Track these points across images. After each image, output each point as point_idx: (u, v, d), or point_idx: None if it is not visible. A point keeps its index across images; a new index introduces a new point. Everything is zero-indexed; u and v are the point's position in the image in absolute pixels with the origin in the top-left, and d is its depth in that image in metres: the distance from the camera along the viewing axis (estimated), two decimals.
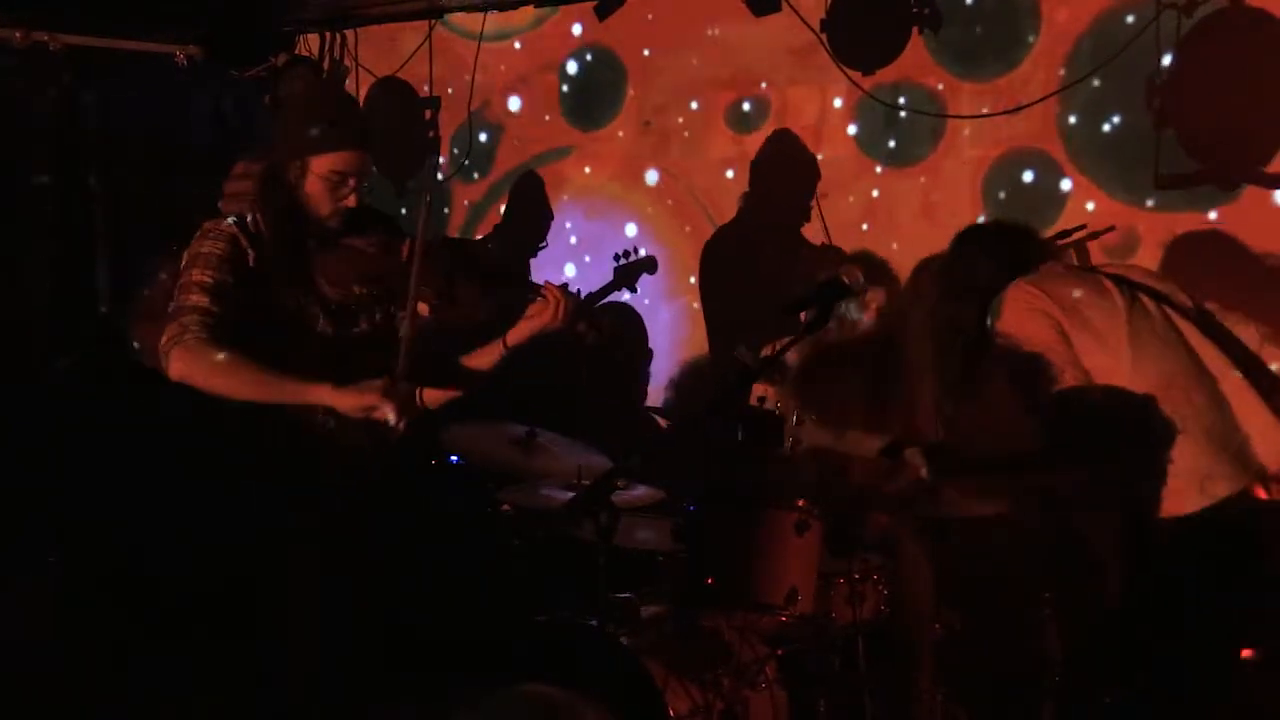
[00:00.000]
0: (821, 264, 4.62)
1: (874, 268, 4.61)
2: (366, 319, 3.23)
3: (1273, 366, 3.08)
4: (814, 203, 4.97)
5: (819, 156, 4.99)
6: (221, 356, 2.95)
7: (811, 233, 4.97)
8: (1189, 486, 2.87)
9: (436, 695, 3.21)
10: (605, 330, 3.28)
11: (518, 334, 3.23)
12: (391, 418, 2.94)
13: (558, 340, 3.24)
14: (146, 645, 3.88)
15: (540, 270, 5.71)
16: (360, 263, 3.15)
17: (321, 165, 3.09)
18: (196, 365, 2.95)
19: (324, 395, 2.98)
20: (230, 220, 3.11)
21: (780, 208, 5.07)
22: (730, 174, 5.20)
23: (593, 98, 5.56)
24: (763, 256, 5.07)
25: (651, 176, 5.44)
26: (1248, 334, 3.06)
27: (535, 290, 3.21)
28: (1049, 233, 4.38)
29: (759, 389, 4.17)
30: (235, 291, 3.04)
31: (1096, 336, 2.95)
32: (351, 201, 3.14)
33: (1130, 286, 3.04)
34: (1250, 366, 2.98)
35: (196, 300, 3.00)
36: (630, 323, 5.39)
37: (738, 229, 5.21)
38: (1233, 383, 2.95)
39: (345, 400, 2.97)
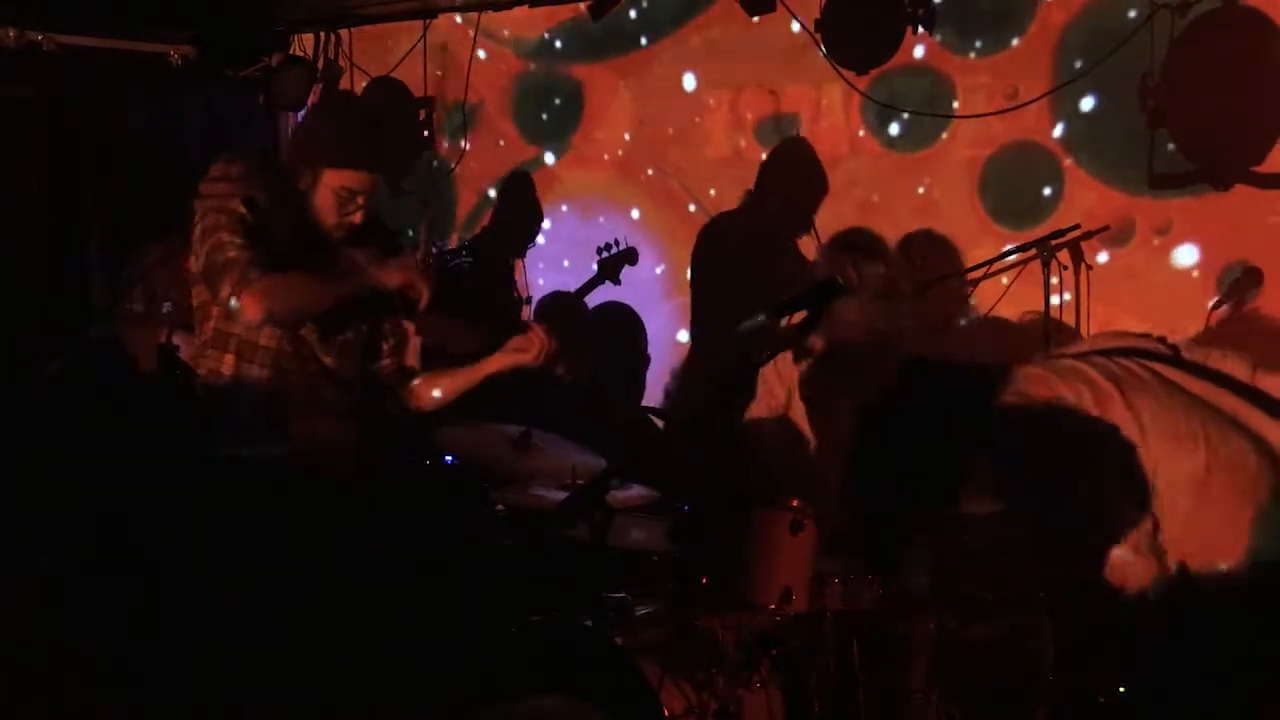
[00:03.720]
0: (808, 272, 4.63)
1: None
2: (354, 331, 3.26)
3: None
4: (814, 215, 4.98)
5: (816, 155, 5.01)
6: (287, 280, 3.05)
7: (805, 244, 4.98)
8: (1231, 537, 2.69)
9: (436, 701, 3.21)
10: (584, 372, 3.38)
11: (497, 364, 3.35)
12: (425, 295, 3.12)
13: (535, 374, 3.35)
14: (141, 644, 3.87)
15: (537, 270, 5.72)
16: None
17: (334, 179, 3.14)
18: (272, 297, 3.03)
19: (373, 277, 3.15)
20: (237, 200, 3.12)
21: (782, 215, 5.08)
22: (727, 173, 5.21)
23: (588, 98, 5.56)
24: (755, 258, 5.08)
25: (647, 176, 5.45)
26: (1237, 367, 2.90)
27: (524, 328, 3.29)
28: (1044, 227, 4.42)
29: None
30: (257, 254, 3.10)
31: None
32: (357, 218, 3.20)
33: (1107, 356, 2.88)
34: (1252, 394, 2.89)
35: (236, 253, 3.05)
36: (629, 323, 5.40)
37: (734, 225, 5.21)
38: (1239, 404, 2.81)
39: (390, 276, 3.14)
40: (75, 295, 5.45)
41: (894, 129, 4.83)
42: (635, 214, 5.49)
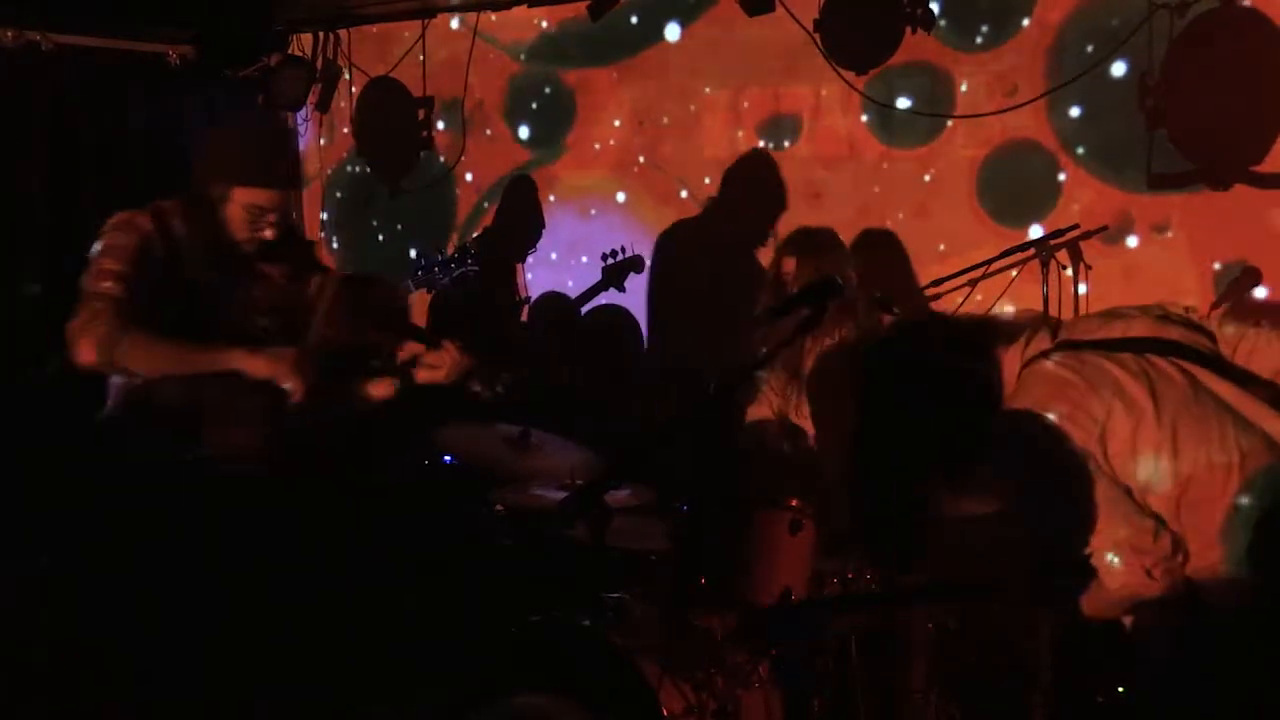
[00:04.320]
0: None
1: (868, 261, 4.62)
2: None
3: None
4: (773, 229, 5.03)
5: (813, 153, 5.01)
6: (132, 337, 3.05)
7: (764, 253, 5.01)
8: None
9: (435, 701, 3.21)
10: (503, 388, 3.39)
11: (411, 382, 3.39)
12: (294, 391, 3.09)
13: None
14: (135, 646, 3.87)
15: (533, 269, 5.72)
16: (268, 293, 3.24)
17: (244, 196, 3.17)
18: (105, 351, 3.04)
19: (237, 360, 3.11)
20: (146, 217, 3.16)
21: (742, 227, 5.14)
22: (726, 174, 5.21)
23: (584, 96, 5.56)
24: (712, 265, 5.15)
25: (646, 176, 5.45)
26: (1272, 349, 2.74)
27: (436, 344, 3.29)
28: (1044, 224, 4.42)
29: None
30: (145, 282, 3.13)
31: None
32: (268, 234, 3.22)
33: (1139, 354, 2.70)
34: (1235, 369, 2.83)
35: (108, 287, 3.08)
36: (625, 325, 5.40)
37: (693, 232, 5.27)
38: (1221, 384, 2.77)
39: (258, 365, 3.11)
40: (72, 295, 5.44)
41: (893, 128, 4.83)
42: (631, 214, 5.49)
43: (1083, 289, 4.35)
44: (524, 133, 5.74)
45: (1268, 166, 4.10)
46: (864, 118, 4.89)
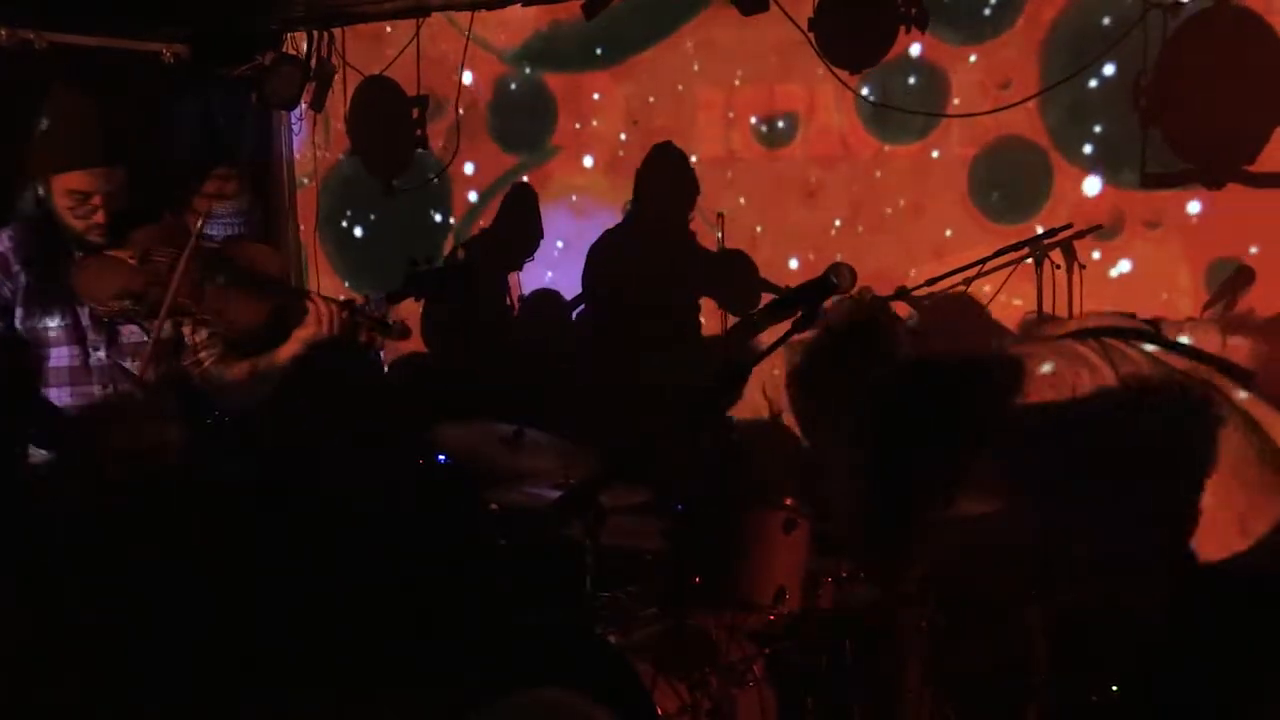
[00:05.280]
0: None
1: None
2: (131, 331, 3.23)
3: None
4: (692, 216, 5.12)
5: (807, 152, 5.02)
6: None
7: (707, 238, 5.06)
8: (1228, 527, 2.61)
9: (436, 692, 3.21)
10: (395, 329, 3.34)
11: (291, 348, 3.28)
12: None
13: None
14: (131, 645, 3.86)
15: (530, 267, 5.71)
16: (119, 276, 3.16)
17: (61, 184, 3.10)
18: None
19: None
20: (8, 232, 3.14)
21: (656, 219, 5.23)
22: (720, 173, 5.21)
23: (579, 95, 5.56)
24: (635, 264, 5.24)
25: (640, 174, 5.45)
26: (1208, 338, 2.87)
27: (305, 298, 3.26)
28: (1037, 222, 4.43)
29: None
30: None
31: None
32: (99, 218, 3.13)
33: (1097, 336, 2.83)
34: (1222, 365, 2.87)
35: None
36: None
37: (614, 233, 5.34)
38: (1242, 397, 2.81)
39: None
40: None
41: (887, 125, 4.84)
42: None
43: (1076, 288, 4.36)
44: (517, 132, 5.73)
45: (1262, 165, 4.10)
46: (858, 115, 4.90)
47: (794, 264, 5.04)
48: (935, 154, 4.74)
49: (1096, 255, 4.40)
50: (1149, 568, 2.79)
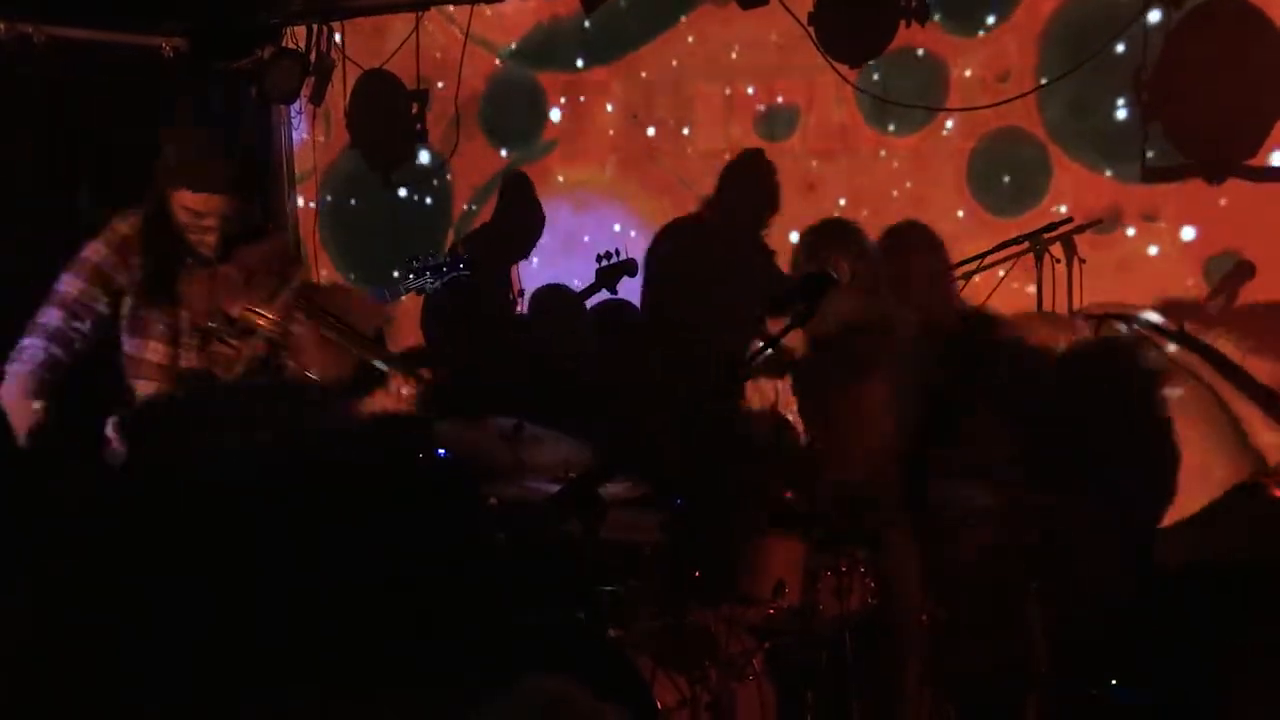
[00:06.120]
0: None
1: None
2: (213, 348, 3.35)
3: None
4: (765, 234, 5.05)
5: (807, 145, 5.01)
6: (31, 401, 3.21)
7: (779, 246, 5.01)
8: (1190, 482, 2.78)
9: (436, 689, 3.20)
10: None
11: (361, 407, 3.36)
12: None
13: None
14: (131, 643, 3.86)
15: (531, 263, 5.71)
16: (220, 294, 3.29)
17: (180, 199, 3.25)
18: (10, 395, 3.20)
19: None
20: (126, 223, 3.24)
21: (736, 226, 5.13)
22: (721, 166, 5.21)
23: (579, 90, 5.55)
24: (708, 264, 5.14)
25: (641, 170, 5.44)
26: (1228, 347, 2.95)
27: (390, 369, 3.33)
28: (1035, 214, 4.43)
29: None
30: (97, 301, 3.29)
31: None
32: (209, 239, 3.29)
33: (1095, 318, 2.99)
34: (1234, 370, 2.91)
35: (50, 319, 3.26)
36: (628, 317, 5.39)
37: (689, 230, 5.24)
38: (1219, 381, 2.88)
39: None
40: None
41: (886, 117, 4.83)
42: (626, 208, 5.49)
43: (1076, 281, 4.35)
44: (516, 127, 5.72)
45: (1263, 159, 4.10)
46: (858, 108, 4.89)
47: None
48: (934, 146, 4.74)
49: (1096, 250, 4.39)
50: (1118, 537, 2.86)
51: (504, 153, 5.74)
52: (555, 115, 5.63)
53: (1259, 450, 2.81)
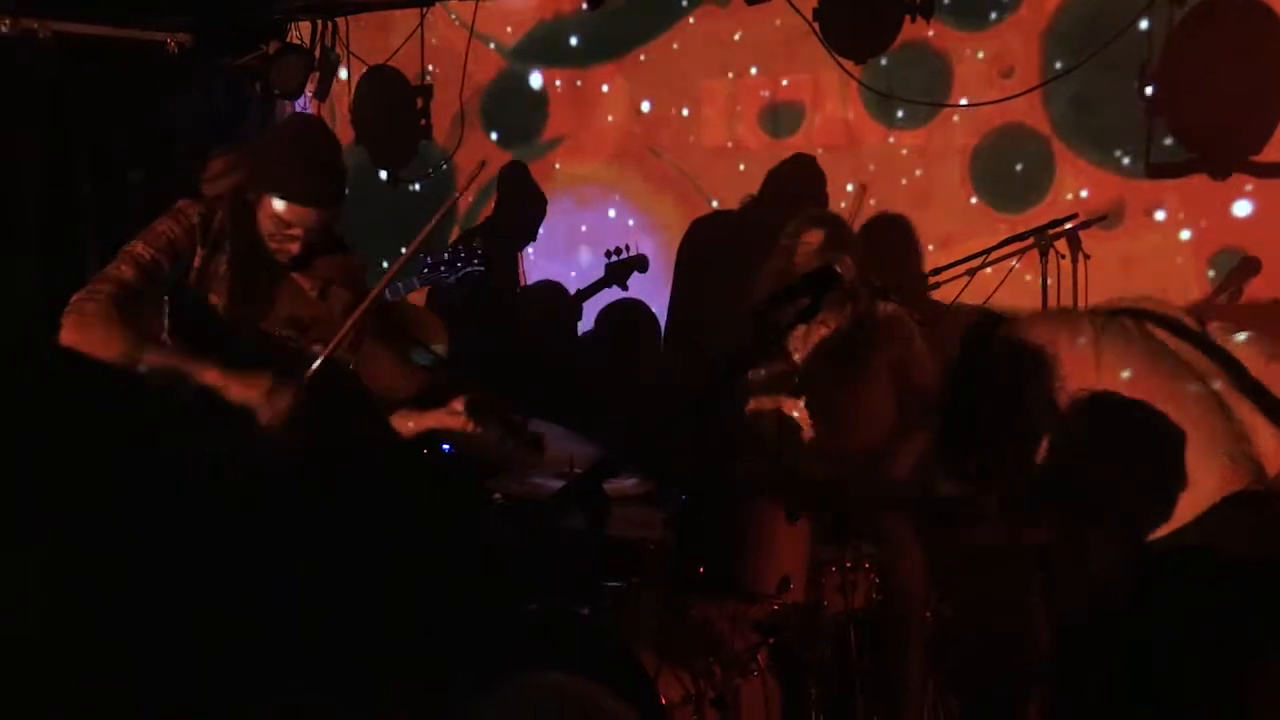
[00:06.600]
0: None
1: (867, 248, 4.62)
2: (278, 360, 3.19)
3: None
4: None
5: (811, 141, 5.01)
6: (118, 326, 2.98)
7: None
8: (1185, 492, 2.67)
9: (440, 685, 3.21)
10: (529, 439, 3.32)
11: (424, 422, 3.30)
12: (261, 417, 2.99)
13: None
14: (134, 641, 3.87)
15: (535, 259, 5.71)
16: (293, 304, 3.20)
17: (273, 205, 3.10)
18: (84, 331, 2.98)
19: (211, 377, 3.01)
20: (199, 208, 3.13)
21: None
22: (725, 162, 5.21)
23: (583, 86, 5.55)
24: (746, 259, 5.10)
25: (646, 165, 5.44)
26: (1250, 352, 2.90)
27: (456, 391, 3.24)
28: (1039, 210, 4.43)
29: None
30: (167, 275, 3.09)
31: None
32: (293, 248, 3.14)
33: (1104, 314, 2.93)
34: (1243, 374, 2.87)
35: (122, 271, 3.04)
36: (641, 316, 5.39)
37: (729, 224, 5.21)
38: (1226, 386, 2.83)
39: (230, 386, 3.00)
40: (71, 284, 5.43)
41: (891, 113, 4.84)
42: (633, 202, 5.49)
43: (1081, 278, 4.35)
44: (521, 123, 5.72)
45: (1267, 155, 4.09)
46: (863, 104, 4.89)
47: None
48: (941, 140, 4.74)
49: (1101, 246, 4.39)
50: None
51: (512, 148, 5.74)
52: (559, 111, 5.63)
53: (1258, 459, 2.76)
